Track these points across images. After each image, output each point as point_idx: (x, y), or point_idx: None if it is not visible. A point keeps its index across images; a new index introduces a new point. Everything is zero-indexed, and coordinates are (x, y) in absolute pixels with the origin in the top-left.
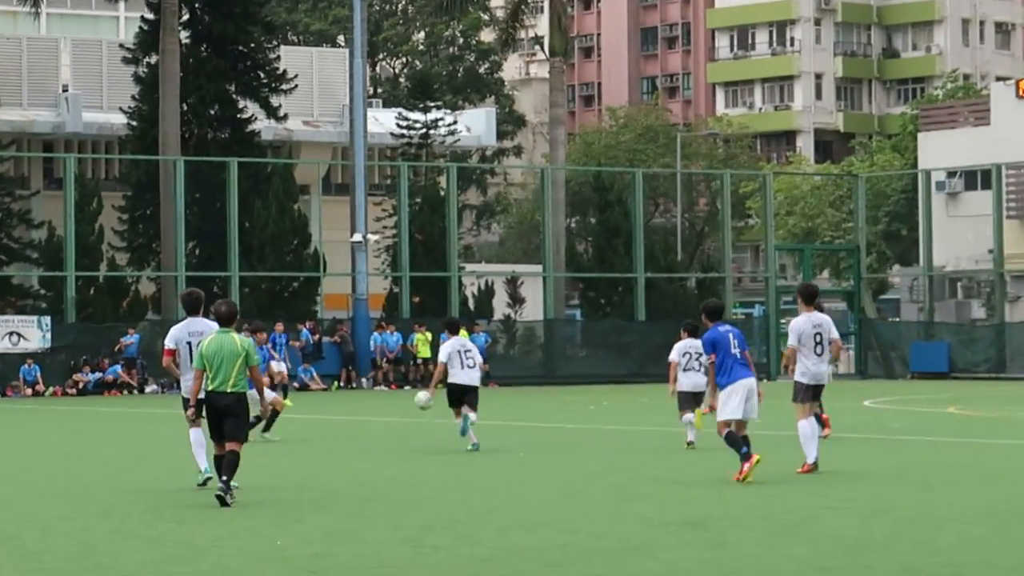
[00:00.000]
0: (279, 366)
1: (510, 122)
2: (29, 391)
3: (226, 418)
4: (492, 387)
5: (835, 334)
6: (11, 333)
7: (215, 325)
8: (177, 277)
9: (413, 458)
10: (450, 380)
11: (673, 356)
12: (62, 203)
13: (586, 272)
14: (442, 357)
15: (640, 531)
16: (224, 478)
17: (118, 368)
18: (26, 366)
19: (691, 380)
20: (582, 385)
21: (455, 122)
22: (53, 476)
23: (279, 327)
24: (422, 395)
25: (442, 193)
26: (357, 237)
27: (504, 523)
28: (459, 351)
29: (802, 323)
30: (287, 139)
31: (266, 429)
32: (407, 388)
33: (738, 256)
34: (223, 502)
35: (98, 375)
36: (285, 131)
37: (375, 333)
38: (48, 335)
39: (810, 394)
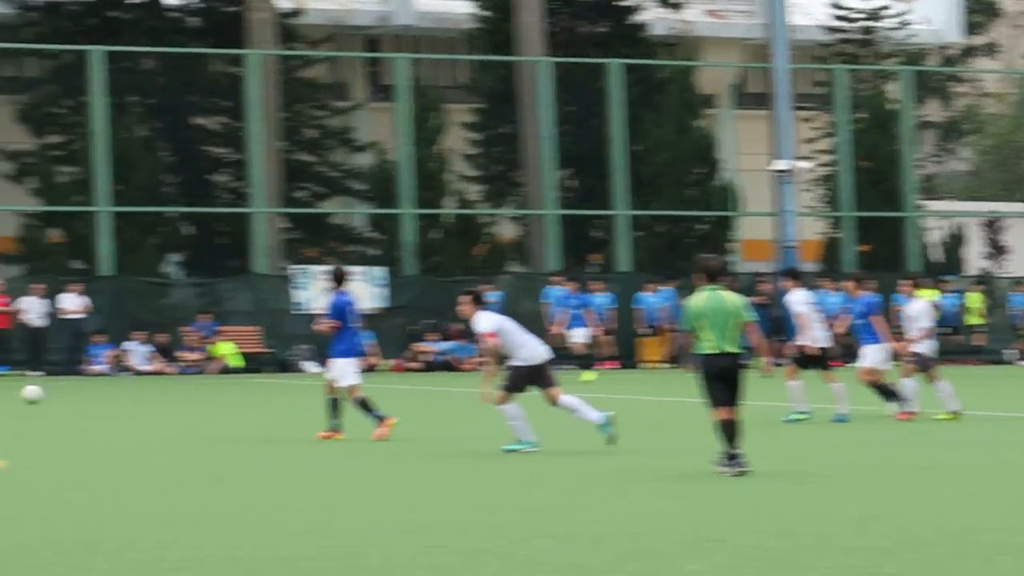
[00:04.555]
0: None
1: (980, 11)
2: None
3: (727, 382)
4: (970, 364)
5: None
6: None
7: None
8: (545, 217)
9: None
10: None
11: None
12: (392, 119)
13: None
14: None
15: None
16: (735, 446)
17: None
18: None
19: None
20: None
21: (908, 11)
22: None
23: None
24: None
25: (894, 106)
26: (782, 164)
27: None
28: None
29: None
30: (685, 34)
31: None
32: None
33: None
34: (738, 465)
35: (448, 345)
36: (682, 24)
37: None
38: (383, 292)
39: None
